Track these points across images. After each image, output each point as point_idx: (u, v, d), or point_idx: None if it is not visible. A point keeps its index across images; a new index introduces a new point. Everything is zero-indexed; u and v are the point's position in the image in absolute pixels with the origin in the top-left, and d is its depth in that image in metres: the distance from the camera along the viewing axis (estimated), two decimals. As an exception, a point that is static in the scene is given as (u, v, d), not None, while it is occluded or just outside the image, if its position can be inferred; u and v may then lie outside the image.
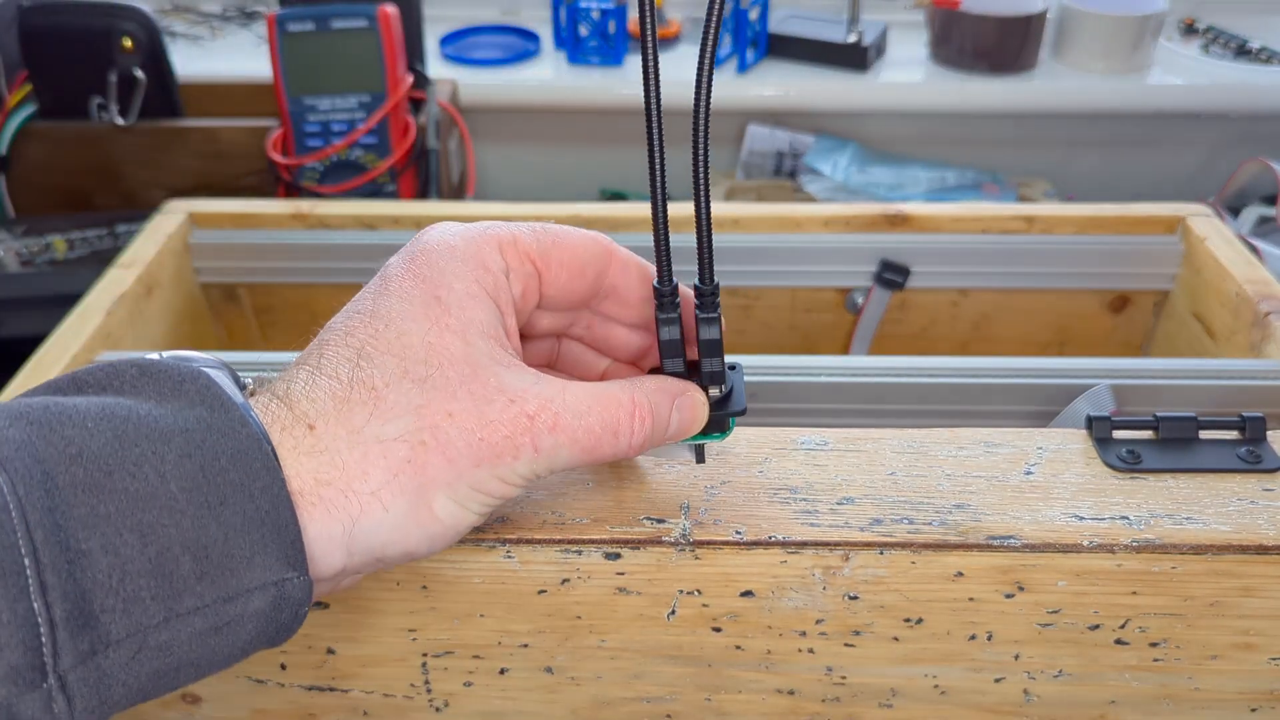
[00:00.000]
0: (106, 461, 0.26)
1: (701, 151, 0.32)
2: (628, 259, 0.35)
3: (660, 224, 0.33)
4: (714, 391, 0.35)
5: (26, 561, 0.24)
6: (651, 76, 0.31)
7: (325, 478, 0.29)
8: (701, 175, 0.33)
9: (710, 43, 0.31)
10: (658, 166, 0.32)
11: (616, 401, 0.32)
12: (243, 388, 0.31)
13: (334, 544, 0.29)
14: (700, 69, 0.32)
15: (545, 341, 0.38)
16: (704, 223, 0.33)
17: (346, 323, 0.31)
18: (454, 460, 0.29)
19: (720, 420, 0.36)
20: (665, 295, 0.34)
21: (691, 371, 0.35)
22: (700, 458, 0.38)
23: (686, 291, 0.35)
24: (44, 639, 0.24)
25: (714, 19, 0.31)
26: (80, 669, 0.25)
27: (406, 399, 0.29)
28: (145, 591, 0.25)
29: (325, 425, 0.29)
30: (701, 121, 0.32)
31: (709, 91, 0.32)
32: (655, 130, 0.32)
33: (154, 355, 0.30)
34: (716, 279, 0.34)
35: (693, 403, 0.34)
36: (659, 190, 0.33)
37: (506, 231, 0.33)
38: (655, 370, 0.36)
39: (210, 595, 0.26)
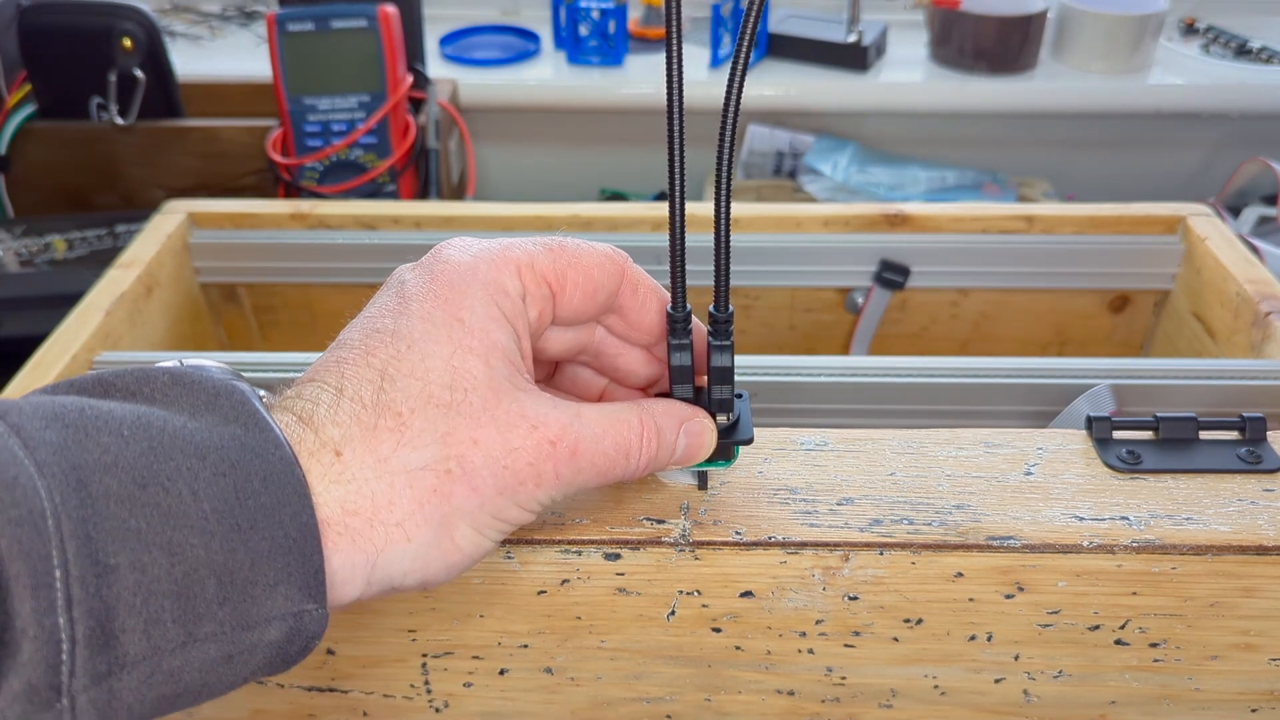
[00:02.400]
0: (141, 473, 0.25)
1: (724, 188, 0.32)
2: (637, 279, 0.34)
3: (678, 250, 0.32)
4: (721, 419, 0.35)
5: (57, 574, 0.23)
6: (677, 139, 0.31)
7: (352, 507, 0.28)
8: (723, 209, 0.32)
9: (732, 111, 0.31)
10: (678, 196, 0.32)
11: (627, 424, 0.32)
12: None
13: (356, 574, 0.28)
14: (723, 134, 0.31)
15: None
16: (723, 250, 0.33)
17: (366, 341, 0.30)
18: (478, 489, 0.29)
19: (726, 448, 0.35)
20: (679, 320, 0.33)
21: (699, 397, 0.35)
22: (703, 484, 0.38)
23: (697, 321, 0.35)
24: (64, 657, 0.23)
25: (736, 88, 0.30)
26: (92, 690, 0.24)
27: (432, 425, 0.29)
28: (167, 614, 0.25)
29: (353, 452, 0.28)
30: (725, 167, 0.31)
31: (733, 141, 0.31)
32: (677, 160, 0.31)
33: (172, 363, 0.30)
34: (731, 307, 0.34)
35: (700, 429, 0.34)
36: (678, 218, 0.32)
37: (524, 254, 0.32)
38: (663, 395, 0.36)
39: (230, 622, 0.26)
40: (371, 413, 0.29)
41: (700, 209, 0.62)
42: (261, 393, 0.30)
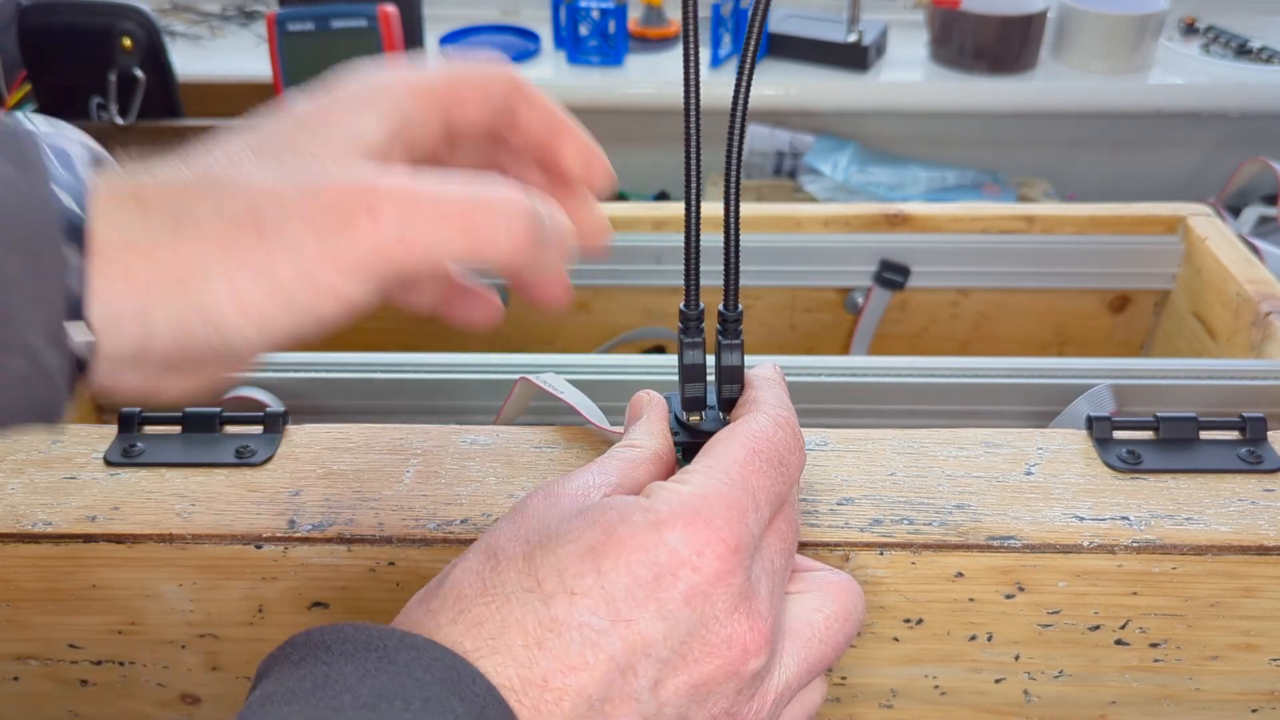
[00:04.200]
0: None
1: (733, 192, 0.32)
2: (534, 96, 0.34)
3: (693, 251, 0.33)
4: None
5: None
6: (693, 139, 0.32)
7: (132, 240, 0.27)
8: (733, 207, 0.33)
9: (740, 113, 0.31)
10: (694, 199, 0.32)
11: (481, 179, 0.30)
12: (99, 164, 0.30)
13: (127, 313, 0.27)
14: (730, 143, 0.33)
15: None
16: (733, 248, 0.33)
17: (229, 129, 0.31)
18: (280, 230, 0.28)
19: None
20: (691, 319, 0.34)
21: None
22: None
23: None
24: None
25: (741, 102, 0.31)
26: None
27: (245, 178, 0.28)
28: None
29: (156, 201, 0.28)
30: (733, 175, 0.33)
31: (741, 138, 0.32)
32: (693, 163, 0.32)
33: (20, 114, 0.30)
34: (740, 306, 0.34)
35: (559, 208, 0.32)
36: (693, 216, 0.33)
37: (416, 76, 0.32)
38: (670, 397, 0.36)
39: None
40: (188, 171, 0.29)
41: (703, 209, 0.62)
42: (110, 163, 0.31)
